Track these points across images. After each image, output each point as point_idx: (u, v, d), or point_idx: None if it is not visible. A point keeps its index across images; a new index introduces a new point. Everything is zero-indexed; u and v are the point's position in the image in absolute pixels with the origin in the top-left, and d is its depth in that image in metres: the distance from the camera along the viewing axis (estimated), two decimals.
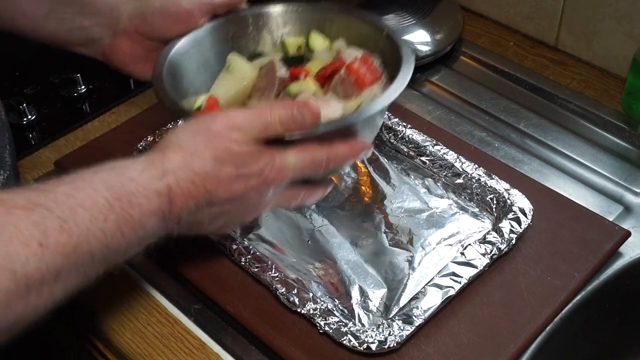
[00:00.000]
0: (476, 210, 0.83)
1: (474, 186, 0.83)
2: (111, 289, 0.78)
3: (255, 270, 0.75)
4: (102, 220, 0.56)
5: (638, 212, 0.84)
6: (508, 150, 0.92)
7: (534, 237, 0.78)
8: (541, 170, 0.89)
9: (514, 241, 0.76)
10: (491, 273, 0.75)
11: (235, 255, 0.77)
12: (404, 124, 0.90)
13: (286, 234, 0.82)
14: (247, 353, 0.72)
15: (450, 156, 0.86)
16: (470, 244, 0.76)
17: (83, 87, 1.03)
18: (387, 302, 0.74)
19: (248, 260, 0.76)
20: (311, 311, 0.71)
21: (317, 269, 0.78)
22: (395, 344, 0.68)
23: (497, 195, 0.81)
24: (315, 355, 0.70)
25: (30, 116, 0.99)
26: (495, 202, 0.81)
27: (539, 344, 0.71)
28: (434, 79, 1.04)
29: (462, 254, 0.75)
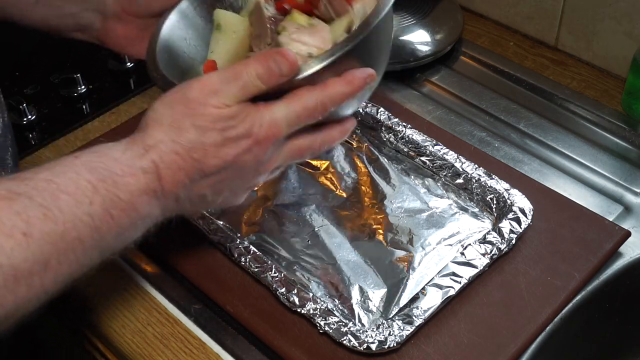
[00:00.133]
0: (476, 210, 0.83)
1: (474, 186, 0.83)
2: (111, 289, 0.79)
3: (255, 270, 0.75)
4: (88, 203, 0.54)
5: (638, 212, 0.84)
6: (508, 150, 0.92)
7: (534, 237, 0.78)
8: (541, 170, 0.89)
9: (514, 241, 0.76)
10: (491, 273, 0.75)
11: (235, 255, 0.77)
12: (404, 124, 0.90)
13: (286, 234, 0.82)
14: (247, 353, 0.72)
15: (450, 156, 0.86)
16: (470, 244, 0.76)
17: (83, 87, 1.03)
18: (387, 302, 0.74)
19: (248, 260, 0.76)
20: (311, 311, 0.71)
21: (317, 269, 0.78)
22: (395, 344, 0.68)
23: (497, 195, 0.81)
24: (315, 355, 0.70)
25: (30, 116, 0.99)
26: (495, 202, 0.81)
27: (539, 344, 0.71)
28: (434, 79, 1.04)
29: (462, 254, 0.75)
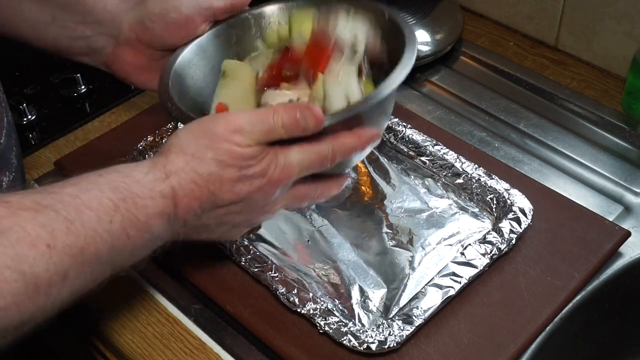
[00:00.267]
0: (476, 210, 0.83)
1: (474, 186, 0.83)
2: (111, 288, 0.78)
3: (255, 270, 0.75)
4: (108, 221, 0.57)
5: (638, 212, 0.84)
6: (508, 150, 0.92)
7: (534, 237, 0.78)
8: (541, 170, 0.89)
9: (514, 241, 0.76)
10: (491, 273, 0.75)
11: (235, 255, 0.77)
12: (404, 124, 0.90)
13: (286, 234, 0.82)
14: (247, 353, 0.72)
15: (450, 156, 0.86)
16: (470, 244, 0.76)
17: (83, 87, 1.03)
18: (387, 302, 0.74)
19: (248, 260, 0.76)
20: (311, 311, 0.71)
21: (317, 269, 0.78)
22: (395, 344, 0.68)
23: (497, 195, 0.81)
24: (315, 355, 0.70)
25: (30, 116, 0.99)
26: (495, 202, 0.81)
27: (539, 344, 0.71)
28: (434, 79, 1.04)
29: (462, 254, 0.75)
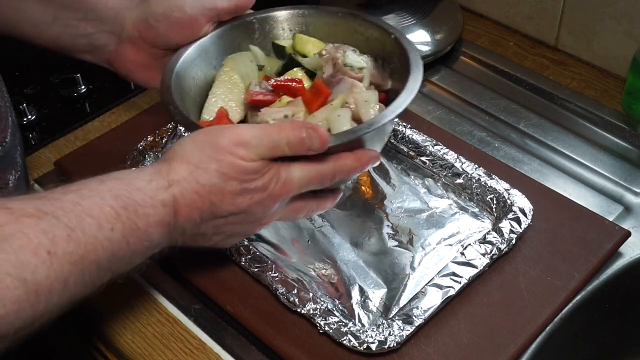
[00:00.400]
0: (476, 210, 0.83)
1: (474, 186, 0.83)
2: (112, 289, 0.78)
3: (255, 270, 0.75)
4: (109, 229, 0.57)
5: (638, 212, 0.84)
6: (508, 150, 0.92)
7: (534, 237, 0.78)
8: (541, 170, 0.89)
9: (514, 241, 0.76)
10: (491, 273, 0.75)
11: (235, 255, 0.77)
12: (404, 124, 0.90)
13: (286, 234, 0.82)
14: (247, 353, 0.72)
15: (450, 156, 0.86)
16: (470, 244, 0.76)
17: (83, 87, 1.03)
18: (387, 302, 0.74)
19: (248, 260, 0.76)
20: (311, 311, 0.71)
21: (317, 269, 0.78)
22: (395, 344, 0.68)
23: (497, 195, 0.81)
24: (315, 355, 0.70)
25: (30, 116, 0.99)
26: (495, 202, 0.81)
27: (539, 344, 0.71)
28: (434, 79, 1.04)
29: (462, 254, 0.75)
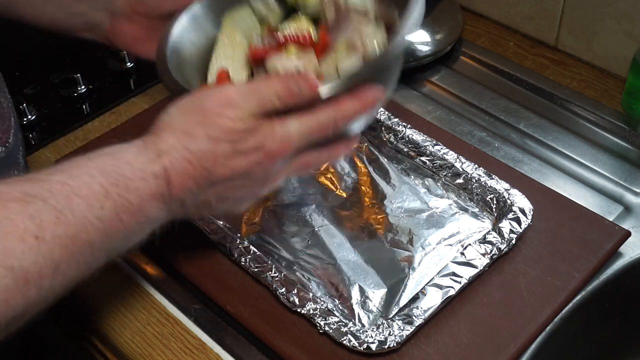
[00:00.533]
0: (476, 210, 0.83)
1: (474, 186, 0.83)
2: (111, 288, 0.79)
3: (255, 270, 0.75)
4: (99, 207, 0.55)
5: (638, 212, 0.84)
6: (508, 150, 0.92)
7: (534, 237, 0.78)
8: (541, 170, 0.89)
9: (514, 241, 0.76)
10: (491, 273, 0.75)
11: (235, 255, 0.77)
12: (404, 124, 0.90)
13: (286, 234, 0.82)
14: (247, 353, 0.72)
15: (450, 156, 0.86)
16: (470, 244, 0.76)
17: (83, 87, 1.03)
18: (387, 302, 0.74)
19: (248, 260, 0.76)
20: (311, 311, 0.71)
21: (317, 269, 0.78)
22: (395, 344, 0.68)
23: (497, 195, 0.81)
24: (315, 355, 0.70)
25: (30, 116, 0.99)
26: (495, 202, 0.81)
27: (539, 344, 0.71)
28: (434, 79, 1.04)
29: (462, 254, 0.75)
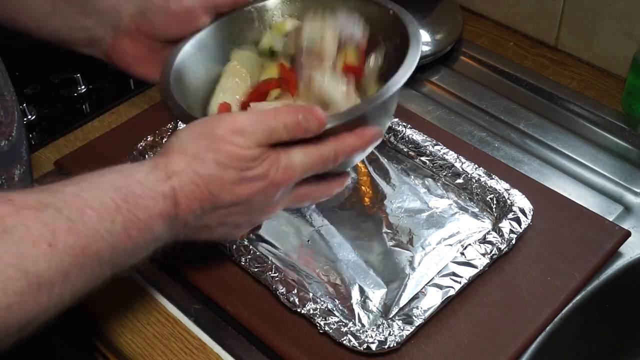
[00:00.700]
0: (476, 210, 0.83)
1: (474, 186, 0.83)
2: (111, 289, 0.78)
3: (255, 270, 0.75)
4: (110, 221, 0.56)
5: (638, 212, 0.84)
6: (508, 150, 0.92)
7: (534, 237, 0.78)
8: (541, 170, 0.89)
9: (514, 241, 0.76)
10: (491, 273, 0.75)
11: (235, 255, 0.77)
12: (404, 124, 0.90)
13: (286, 234, 0.82)
14: (247, 353, 0.72)
15: (450, 156, 0.86)
16: (470, 244, 0.76)
17: (83, 87, 1.03)
18: (387, 302, 0.74)
19: (248, 260, 0.76)
20: (311, 311, 0.71)
21: (317, 268, 0.78)
22: (395, 344, 0.68)
23: (497, 195, 0.81)
24: (315, 355, 0.70)
25: (30, 116, 0.99)
26: (495, 202, 0.81)
27: (539, 344, 0.71)
28: (434, 79, 1.04)
29: (462, 254, 0.75)
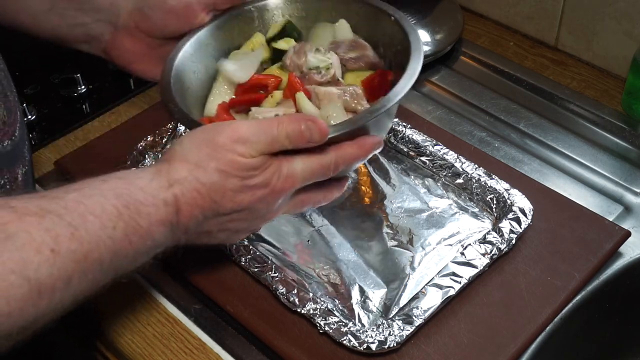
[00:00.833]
0: (476, 210, 0.83)
1: (474, 186, 0.83)
2: (112, 289, 0.78)
3: (255, 270, 0.75)
4: (112, 227, 0.57)
5: (638, 212, 0.84)
6: (508, 150, 0.92)
7: (534, 237, 0.78)
8: (541, 170, 0.89)
9: (514, 241, 0.76)
10: (491, 273, 0.75)
11: (235, 255, 0.77)
12: (404, 124, 0.90)
13: (286, 234, 0.82)
14: (247, 353, 0.72)
15: (450, 156, 0.86)
16: (470, 244, 0.76)
17: (83, 87, 1.03)
18: (387, 302, 0.74)
19: (248, 260, 0.76)
20: (311, 311, 0.71)
21: (317, 269, 0.78)
22: (395, 344, 0.68)
23: (497, 195, 0.81)
24: (315, 355, 0.70)
25: (30, 116, 0.99)
26: (495, 202, 0.81)
27: (539, 344, 0.71)
28: (434, 79, 1.04)
29: (462, 254, 0.75)
